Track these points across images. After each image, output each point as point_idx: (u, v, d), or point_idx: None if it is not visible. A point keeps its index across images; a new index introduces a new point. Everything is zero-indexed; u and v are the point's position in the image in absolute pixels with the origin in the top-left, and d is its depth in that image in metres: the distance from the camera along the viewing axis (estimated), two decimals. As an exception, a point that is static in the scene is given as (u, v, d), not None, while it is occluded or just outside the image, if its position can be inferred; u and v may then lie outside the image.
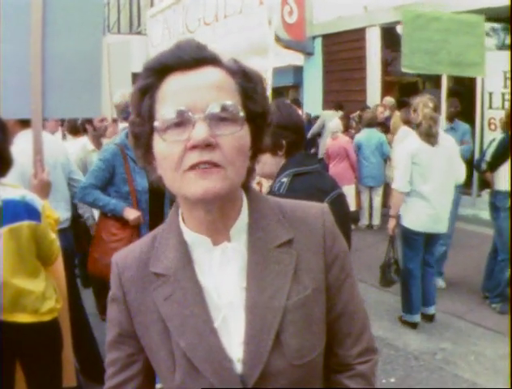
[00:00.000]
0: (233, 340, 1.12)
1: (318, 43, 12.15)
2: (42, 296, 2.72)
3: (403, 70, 5.90)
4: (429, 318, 5.33)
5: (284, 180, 2.46)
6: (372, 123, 8.68)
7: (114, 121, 5.84)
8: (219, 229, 1.14)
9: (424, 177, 4.88)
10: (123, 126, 4.81)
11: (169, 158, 1.03)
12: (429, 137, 4.84)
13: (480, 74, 6.17)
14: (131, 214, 3.88)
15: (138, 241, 1.30)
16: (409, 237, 5.05)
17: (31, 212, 2.62)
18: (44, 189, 3.12)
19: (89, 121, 5.35)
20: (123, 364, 1.24)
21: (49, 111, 3.14)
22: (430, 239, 5.15)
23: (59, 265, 3.07)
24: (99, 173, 3.92)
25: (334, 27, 11.61)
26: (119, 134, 4.17)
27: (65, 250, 3.41)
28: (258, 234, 1.16)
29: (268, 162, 2.60)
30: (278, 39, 11.32)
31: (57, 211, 3.46)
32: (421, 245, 5.11)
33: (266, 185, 2.89)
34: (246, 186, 1.20)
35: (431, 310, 5.34)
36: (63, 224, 3.87)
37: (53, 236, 2.85)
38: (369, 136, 8.64)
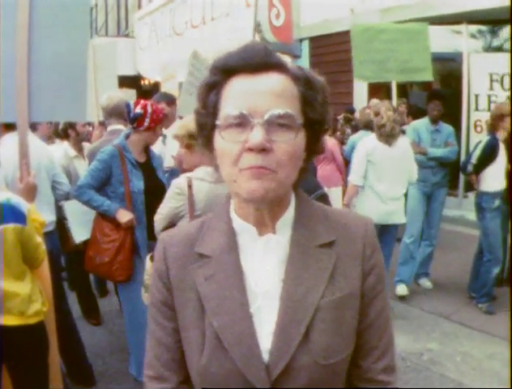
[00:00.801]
0: (264, 329, 1.14)
1: (306, 45, 12.17)
2: (28, 298, 2.72)
3: (355, 79, 6.30)
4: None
5: None
6: (369, 125, 8.62)
7: (101, 124, 5.83)
8: (266, 222, 1.19)
9: (378, 174, 5.21)
10: (113, 128, 4.79)
11: (227, 155, 1.09)
12: (391, 138, 5.15)
13: (427, 78, 6.29)
14: (124, 216, 3.90)
15: (187, 223, 1.40)
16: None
17: (16, 215, 2.61)
18: (30, 192, 3.11)
19: (72, 125, 5.33)
20: (163, 334, 1.27)
21: (35, 114, 3.14)
22: (386, 231, 5.29)
23: (45, 268, 3.07)
24: (96, 173, 3.95)
25: (321, 30, 11.63)
26: (120, 136, 4.19)
27: (50, 252, 3.41)
28: (301, 231, 1.20)
29: None
30: (265, 41, 11.34)
31: (41, 214, 3.44)
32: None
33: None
34: (296, 185, 1.23)
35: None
36: (48, 227, 3.88)
37: (39, 239, 2.85)
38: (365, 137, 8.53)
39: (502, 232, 5.75)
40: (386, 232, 5.29)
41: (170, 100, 5.68)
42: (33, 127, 5.57)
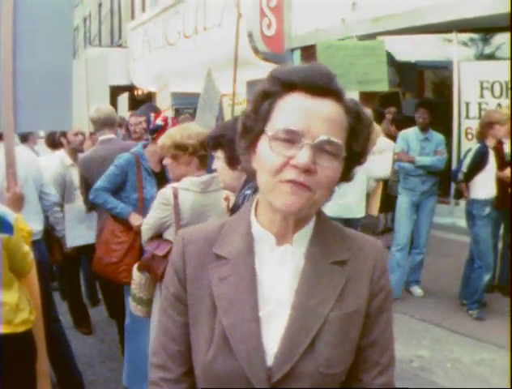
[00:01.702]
0: (272, 334, 1.19)
1: (297, 55, 12.19)
2: (16, 307, 2.72)
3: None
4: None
5: (248, 192, 2.50)
6: None
7: (91, 134, 5.84)
8: (286, 233, 1.24)
9: None
10: (104, 137, 4.80)
11: (270, 165, 1.13)
12: None
13: (383, 88, 6.93)
14: (136, 220, 4.02)
15: (207, 224, 1.44)
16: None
17: (3, 225, 2.62)
18: (17, 202, 3.12)
19: (64, 134, 5.35)
20: (174, 325, 1.32)
21: (21, 125, 3.15)
22: (349, 225, 5.23)
23: (33, 277, 3.07)
24: (112, 177, 4.14)
25: (313, 40, 11.67)
26: (137, 144, 4.45)
27: (38, 261, 3.37)
28: (318, 247, 1.25)
29: (228, 176, 2.65)
30: (257, 51, 11.38)
31: (29, 223, 3.43)
32: None
33: (232, 198, 2.93)
34: None
35: None
36: (36, 236, 3.89)
37: (27, 248, 2.86)
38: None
39: (493, 239, 5.78)
40: (350, 226, 5.30)
41: (156, 112, 5.72)
42: (24, 138, 5.59)
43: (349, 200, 5.52)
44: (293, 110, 1.13)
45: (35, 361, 2.92)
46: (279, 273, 1.23)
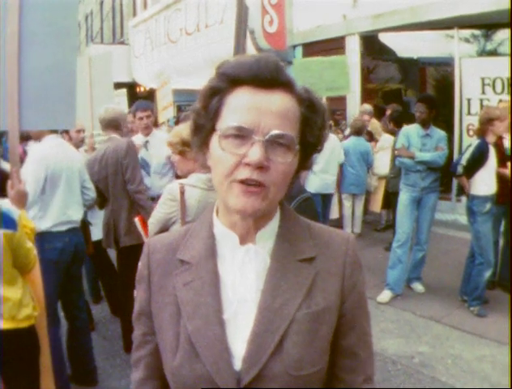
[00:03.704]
0: (239, 337, 1.16)
1: (299, 52, 12.22)
2: (19, 303, 2.76)
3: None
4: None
5: None
6: (360, 131, 8.63)
7: (92, 135, 5.89)
8: (249, 230, 1.21)
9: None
10: (110, 135, 4.85)
11: (223, 165, 1.10)
12: None
13: (346, 93, 9.51)
14: None
15: (173, 231, 1.42)
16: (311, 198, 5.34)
17: (6, 221, 2.65)
18: (21, 199, 3.15)
19: (66, 131, 5.38)
20: (139, 341, 1.33)
21: (26, 123, 3.18)
22: (327, 199, 8.23)
23: (37, 273, 3.10)
24: None
25: (314, 36, 11.70)
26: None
27: (75, 245, 4.14)
28: (284, 244, 1.22)
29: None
30: (258, 48, 11.40)
31: (72, 211, 4.07)
32: (319, 203, 7.76)
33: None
34: (281, 200, 1.25)
35: None
36: (75, 224, 4.24)
37: (30, 244, 2.89)
38: (356, 144, 8.57)
39: (493, 235, 5.79)
40: (326, 199, 8.19)
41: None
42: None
43: (328, 178, 8.01)
44: (242, 106, 1.09)
45: (38, 357, 2.96)
46: (244, 273, 1.19)
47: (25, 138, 7.12)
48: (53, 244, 3.98)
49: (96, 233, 5.15)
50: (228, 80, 1.13)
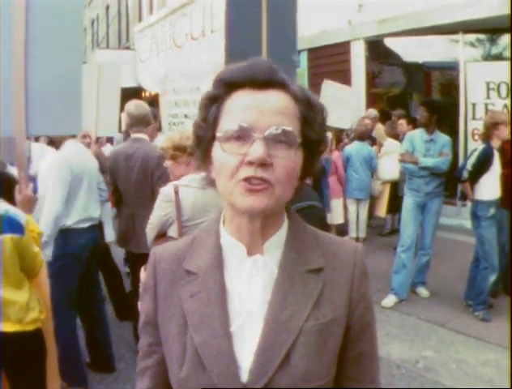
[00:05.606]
0: (246, 348, 1.14)
1: (304, 57, 12.23)
2: (26, 306, 2.80)
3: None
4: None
5: None
6: (364, 136, 8.62)
7: (97, 139, 5.90)
8: (256, 240, 1.19)
9: None
10: (136, 136, 4.74)
11: (226, 167, 1.10)
12: None
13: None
14: None
15: (180, 240, 1.38)
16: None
17: (14, 226, 2.69)
18: (28, 203, 3.18)
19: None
20: (144, 351, 1.31)
21: (32, 128, 3.22)
22: None
23: (44, 277, 3.14)
24: None
25: (319, 41, 11.71)
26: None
27: (94, 241, 4.39)
28: (291, 255, 1.20)
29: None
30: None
31: (91, 209, 4.30)
32: None
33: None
34: (289, 208, 1.25)
35: None
36: (94, 222, 4.48)
37: (37, 249, 2.92)
38: (359, 149, 8.54)
39: (498, 239, 5.79)
40: None
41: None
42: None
43: None
44: (240, 108, 1.11)
45: (44, 360, 2.99)
46: (251, 285, 1.17)
47: (48, 143, 7.14)
48: (77, 240, 4.18)
49: (111, 234, 5.31)
50: (225, 86, 1.14)
